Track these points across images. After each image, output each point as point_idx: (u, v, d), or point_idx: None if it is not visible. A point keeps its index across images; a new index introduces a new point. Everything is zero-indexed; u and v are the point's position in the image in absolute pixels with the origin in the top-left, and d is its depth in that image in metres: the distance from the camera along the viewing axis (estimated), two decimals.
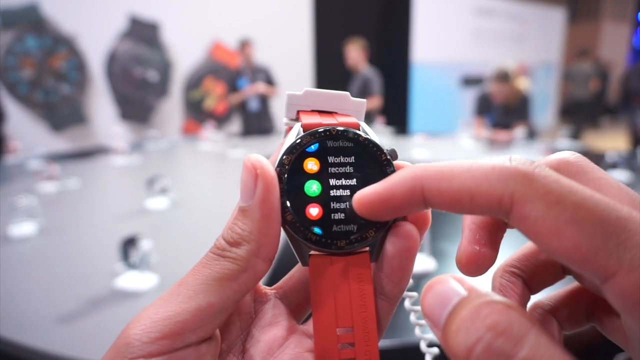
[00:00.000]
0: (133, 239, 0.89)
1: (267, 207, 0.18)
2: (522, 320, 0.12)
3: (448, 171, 0.16)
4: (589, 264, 0.13)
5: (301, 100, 0.22)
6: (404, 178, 0.17)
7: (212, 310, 0.17)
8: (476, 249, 0.19)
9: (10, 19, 3.16)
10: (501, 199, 0.15)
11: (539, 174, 0.14)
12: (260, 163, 0.18)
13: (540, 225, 0.14)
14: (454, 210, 0.16)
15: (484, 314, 0.13)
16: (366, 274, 0.19)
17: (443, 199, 0.16)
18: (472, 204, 0.15)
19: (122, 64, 3.58)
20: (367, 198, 0.17)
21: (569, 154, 0.18)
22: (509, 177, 0.15)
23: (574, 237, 0.13)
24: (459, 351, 0.13)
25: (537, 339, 0.12)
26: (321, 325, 0.18)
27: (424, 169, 0.16)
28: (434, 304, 0.14)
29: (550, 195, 0.14)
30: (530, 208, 0.14)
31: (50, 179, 1.70)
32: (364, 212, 0.18)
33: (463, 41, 4.92)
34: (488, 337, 0.12)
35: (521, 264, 0.20)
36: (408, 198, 0.16)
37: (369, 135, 0.20)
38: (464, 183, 0.15)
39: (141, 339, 0.16)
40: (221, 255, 0.18)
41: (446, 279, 0.15)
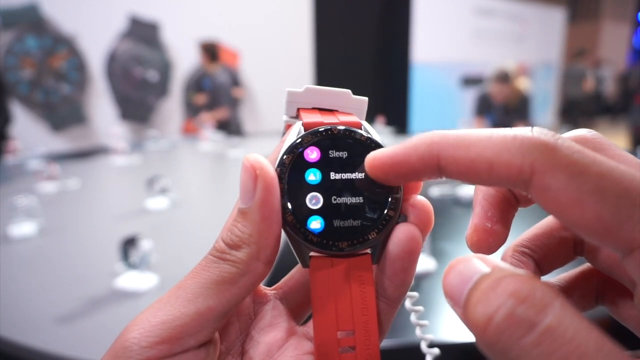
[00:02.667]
0: (133, 239, 0.89)
1: (267, 209, 0.17)
2: (545, 290, 0.12)
3: (466, 139, 0.15)
4: (612, 235, 0.13)
5: (301, 97, 0.21)
6: (421, 143, 0.16)
7: (211, 314, 0.17)
8: (488, 226, 0.18)
9: (10, 19, 3.16)
10: (521, 169, 0.14)
11: (561, 145, 0.14)
12: (259, 163, 0.17)
13: (561, 196, 0.13)
14: (470, 180, 0.15)
15: (506, 283, 0.12)
16: (368, 276, 0.19)
17: (459, 167, 0.15)
18: (491, 173, 0.15)
19: (122, 64, 3.58)
20: (381, 159, 0.17)
21: (585, 131, 0.18)
22: (530, 147, 0.14)
23: (597, 208, 0.13)
24: (479, 321, 0.12)
25: (562, 309, 0.12)
26: (321, 328, 0.18)
27: (441, 135, 0.16)
28: (456, 282, 0.14)
29: (574, 166, 0.13)
30: (551, 178, 0.13)
31: (50, 179, 1.69)
32: (375, 174, 0.17)
33: (463, 41, 4.91)
34: (510, 304, 0.12)
35: (532, 244, 0.20)
36: (423, 163, 0.16)
37: (371, 135, 0.20)
38: (483, 152, 0.15)
39: (139, 343, 0.16)
40: (221, 258, 0.17)
41: (468, 258, 0.14)
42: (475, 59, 4.89)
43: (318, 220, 0.18)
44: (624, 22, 8.10)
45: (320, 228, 0.18)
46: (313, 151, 0.19)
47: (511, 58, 3.61)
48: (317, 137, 0.19)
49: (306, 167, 0.19)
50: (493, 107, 2.75)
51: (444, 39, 4.76)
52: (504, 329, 0.12)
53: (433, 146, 0.16)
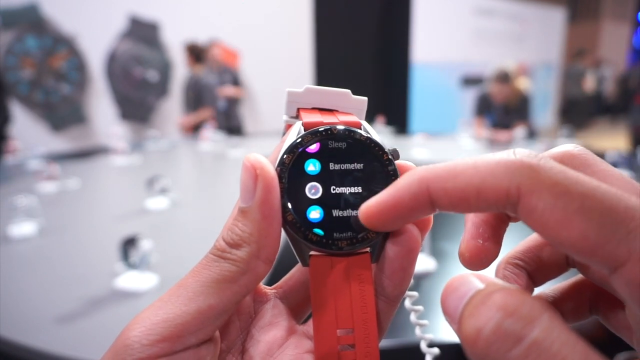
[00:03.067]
0: (133, 239, 0.89)
1: (267, 208, 0.17)
2: (533, 303, 0.12)
3: (454, 170, 0.16)
4: (598, 253, 0.13)
5: (301, 97, 0.21)
6: (410, 181, 0.16)
7: (212, 312, 0.17)
8: (479, 242, 0.18)
9: (10, 19, 3.16)
10: (508, 192, 0.14)
11: (544, 166, 0.14)
12: (260, 163, 0.18)
13: (547, 216, 0.14)
14: (462, 209, 0.16)
15: (495, 297, 0.13)
16: (367, 275, 0.19)
17: (450, 198, 0.15)
18: (479, 200, 0.15)
19: (122, 64, 3.58)
20: (374, 209, 0.17)
21: (571, 146, 0.18)
22: (514, 170, 0.14)
23: (582, 227, 0.13)
24: (469, 334, 0.13)
25: (550, 322, 0.12)
26: (321, 326, 0.18)
27: (427, 170, 0.16)
28: (452, 299, 0.14)
29: (557, 186, 0.14)
30: (537, 199, 0.14)
31: (50, 179, 1.70)
32: (372, 224, 0.17)
33: (463, 41, 4.91)
34: (497, 317, 0.12)
35: (525, 256, 0.20)
36: (416, 202, 0.16)
37: (370, 135, 0.20)
38: (470, 180, 0.15)
39: (140, 341, 0.16)
40: (221, 257, 0.17)
41: (465, 276, 0.14)
42: (475, 59, 4.89)
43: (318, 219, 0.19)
44: (624, 22, 8.10)
45: (320, 226, 0.19)
46: (313, 151, 0.19)
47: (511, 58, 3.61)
48: (317, 137, 0.19)
49: (306, 167, 0.19)
50: (493, 107, 2.75)
51: (444, 39, 4.76)
52: (492, 342, 0.12)
53: (422, 182, 0.16)
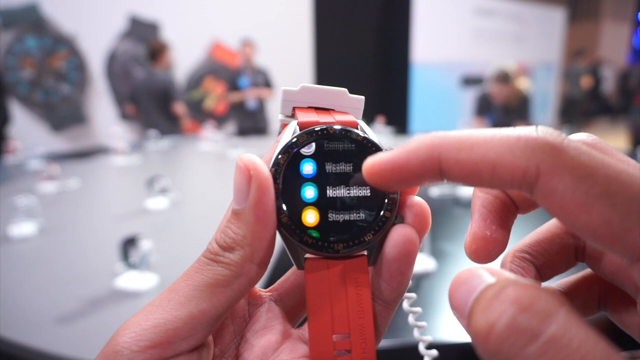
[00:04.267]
0: (133, 239, 0.89)
1: (261, 210, 0.17)
2: (549, 298, 0.11)
3: (468, 140, 0.14)
4: (620, 241, 0.12)
5: (297, 96, 0.21)
6: (421, 146, 0.15)
7: (204, 317, 0.16)
8: (487, 234, 0.18)
9: (10, 19, 3.16)
10: (526, 171, 0.13)
11: (568, 146, 0.13)
12: (253, 164, 0.17)
13: (568, 200, 0.13)
14: (473, 183, 0.15)
15: (508, 291, 0.12)
16: (364, 278, 0.18)
17: (462, 170, 0.14)
18: (494, 176, 0.14)
19: (122, 64, 3.58)
20: (379, 165, 0.16)
21: (585, 135, 0.17)
22: (535, 148, 0.13)
23: (605, 212, 0.12)
24: (481, 329, 0.12)
25: (567, 318, 0.11)
26: (317, 331, 0.18)
27: (442, 137, 0.15)
28: (461, 293, 0.13)
29: (581, 168, 0.13)
30: (557, 181, 0.13)
31: (50, 179, 1.69)
32: (374, 180, 0.16)
33: (463, 41, 4.91)
34: (511, 312, 0.11)
35: (533, 250, 0.19)
36: (423, 167, 0.15)
37: (367, 134, 0.20)
38: (486, 153, 0.14)
39: (130, 347, 0.16)
40: (214, 260, 0.17)
41: (474, 269, 0.14)
42: (475, 59, 4.89)
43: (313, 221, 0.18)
44: (624, 22, 8.10)
45: (316, 229, 0.18)
46: (308, 151, 0.19)
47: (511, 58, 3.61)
48: (312, 137, 0.19)
49: (301, 167, 0.18)
50: (493, 107, 2.75)
51: (444, 39, 4.75)
52: (505, 337, 0.11)
53: (434, 149, 0.15)
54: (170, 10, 3.70)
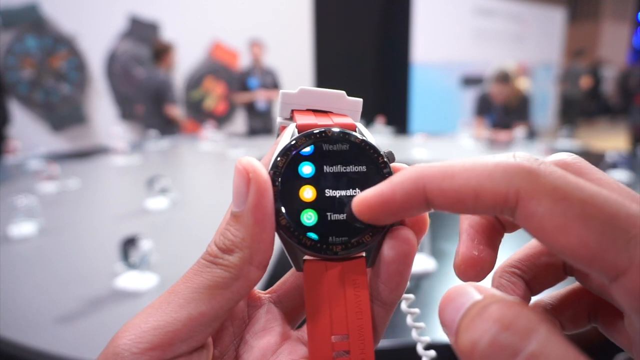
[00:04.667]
0: (133, 239, 0.89)
1: (260, 213, 0.17)
2: (530, 315, 0.12)
3: (450, 170, 0.15)
4: (597, 261, 0.13)
5: (296, 99, 0.21)
6: (405, 179, 0.16)
7: (203, 319, 0.16)
8: (475, 254, 0.18)
9: (10, 19, 3.16)
10: (506, 196, 0.14)
11: (544, 170, 0.14)
12: (252, 167, 0.17)
13: (546, 222, 0.13)
14: (458, 210, 0.15)
15: (491, 309, 0.12)
16: (362, 279, 0.19)
17: (446, 198, 0.15)
18: (477, 202, 0.15)
19: (122, 64, 3.59)
20: (367, 201, 0.17)
21: (566, 155, 0.18)
22: (513, 174, 0.14)
23: (582, 234, 0.13)
24: (465, 347, 0.12)
25: (547, 335, 0.11)
26: (316, 333, 0.18)
27: (424, 168, 0.16)
28: (449, 310, 0.14)
29: (557, 192, 0.13)
30: (536, 204, 0.14)
31: (50, 179, 1.70)
32: (364, 216, 0.17)
33: (463, 41, 4.92)
34: (493, 331, 0.12)
35: (522, 265, 0.20)
36: (410, 200, 0.16)
37: (365, 137, 0.20)
38: (468, 181, 0.15)
39: (130, 349, 0.16)
40: (213, 262, 0.17)
41: (463, 286, 0.14)
42: (475, 59, 4.89)
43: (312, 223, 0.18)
44: (624, 22, 8.10)
45: (315, 231, 0.18)
46: (307, 153, 0.19)
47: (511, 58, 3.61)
48: (311, 139, 0.19)
49: (300, 170, 0.19)
50: (493, 107, 2.75)
51: (444, 39, 4.76)
52: (487, 355, 0.12)
53: (419, 180, 0.16)
54: (170, 10, 3.70)
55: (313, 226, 0.18)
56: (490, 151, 2.38)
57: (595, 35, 7.91)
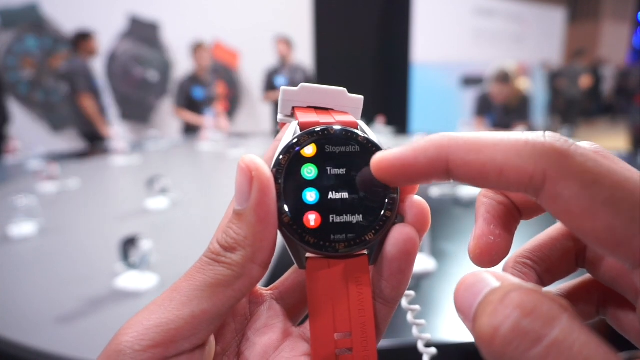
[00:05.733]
0: (133, 239, 0.89)
1: (263, 211, 0.17)
2: (552, 303, 0.12)
3: (477, 142, 0.15)
4: (623, 247, 0.13)
5: (297, 96, 0.21)
6: (430, 145, 0.16)
7: (206, 317, 0.16)
8: (491, 239, 0.18)
9: (10, 19, 3.16)
10: (533, 175, 0.14)
11: (575, 152, 0.14)
12: (255, 165, 0.17)
13: (573, 205, 0.13)
14: (479, 184, 0.15)
15: (513, 296, 0.12)
16: (365, 277, 0.19)
17: (469, 171, 0.15)
18: (500, 179, 0.14)
19: (122, 64, 3.59)
20: (388, 161, 0.16)
21: (587, 144, 0.17)
22: (542, 153, 0.14)
23: (610, 219, 0.13)
24: (485, 333, 0.12)
25: (570, 323, 0.11)
26: (318, 330, 0.18)
27: (451, 137, 0.15)
28: (466, 296, 0.14)
29: (587, 174, 0.13)
30: (563, 187, 0.13)
31: (50, 179, 1.70)
32: (382, 175, 0.17)
33: (463, 41, 4.91)
34: (516, 316, 0.12)
35: (534, 255, 0.20)
36: (431, 166, 0.16)
37: (367, 135, 0.20)
38: (494, 156, 0.14)
39: (132, 347, 0.16)
40: (215, 261, 0.17)
41: (479, 273, 0.14)
42: (475, 59, 4.89)
43: (315, 221, 0.18)
44: (624, 22, 8.10)
45: (317, 229, 0.18)
46: (309, 151, 0.19)
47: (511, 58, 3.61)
48: (313, 137, 0.19)
49: (303, 167, 0.19)
50: (493, 107, 2.75)
51: (444, 39, 4.76)
52: (510, 340, 0.12)
53: (442, 149, 0.15)
54: (170, 10, 3.70)
55: (316, 224, 0.18)
56: None
57: (595, 35, 7.91)
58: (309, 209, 0.18)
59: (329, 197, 0.19)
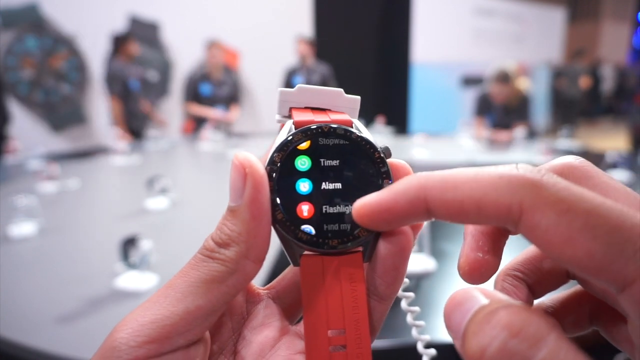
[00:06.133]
0: (133, 239, 0.89)
1: (256, 207, 0.17)
2: (540, 322, 0.12)
3: (453, 180, 0.15)
4: (605, 272, 0.13)
5: (294, 96, 0.21)
6: (407, 188, 0.16)
7: (200, 313, 0.17)
8: (479, 256, 0.18)
9: (10, 19, 3.16)
10: (510, 208, 0.14)
11: (547, 182, 0.14)
12: (248, 161, 0.17)
13: (551, 234, 0.13)
14: (459, 220, 0.15)
15: (500, 315, 0.12)
16: (359, 274, 0.19)
17: (448, 209, 0.15)
18: (480, 214, 0.15)
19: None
20: (368, 208, 0.16)
21: (572, 158, 0.18)
22: (517, 186, 0.14)
23: (588, 245, 0.13)
24: (473, 352, 0.12)
25: (557, 343, 0.11)
26: (312, 327, 0.18)
27: (427, 178, 0.16)
28: (455, 314, 0.14)
29: (561, 203, 0.13)
30: (540, 217, 0.13)
31: (50, 179, 1.70)
32: (364, 222, 0.17)
33: (463, 41, 4.91)
34: (502, 337, 0.12)
35: (525, 268, 0.20)
36: (411, 209, 0.16)
37: (362, 133, 0.20)
38: (471, 192, 0.15)
39: (128, 343, 0.16)
40: (209, 257, 0.17)
41: (468, 290, 0.14)
42: (475, 59, 4.89)
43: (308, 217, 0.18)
44: (624, 22, 8.10)
45: (311, 225, 0.18)
46: (303, 149, 0.19)
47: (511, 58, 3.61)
48: (307, 135, 0.19)
49: (296, 165, 0.19)
50: (493, 107, 2.75)
51: (444, 39, 4.76)
52: None
53: (420, 190, 0.15)
54: (170, 10, 3.70)
55: (309, 221, 0.18)
56: (490, 151, 2.38)
57: (595, 35, 7.91)
58: (303, 205, 0.18)
59: (322, 194, 0.19)
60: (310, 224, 0.18)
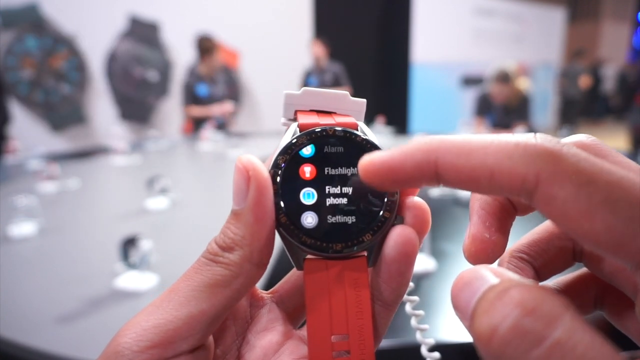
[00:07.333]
0: (133, 239, 0.89)
1: (260, 211, 0.17)
2: (554, 301, 0.11)
3: (466, 145, 0.14)
4: (623, 248, 0.12)
5: (299, 99, 0.21)
6: (418, 148, 0.15)
7: (204, 317, 0.16)
8: (486, 236, 0.18)
9: (10, 19, 3.16)
10: (525, 178, 0.13)
11: (567, 152, 0.13)
12: (252, 165, 0.17)
13: (569, 207, 0.13)
14: (470, 188, 0.15)
15: (512, 293, 0.12)
16: (363, 278, 0.18)
17: (459, 175, 0.14)
18: (492, 182, 0.14)
19: (122, 64, 3.58)
20: (375, 164, 0.16)
21: (583, 136, 0.17)
22: (534, 155, 0.13)
23: (608, 219, 0.12)
24: (483, 332, 0.12)
25: (572, 322, 0.11)
26: (315, 332, 0.18)
27: (440, 141, 0.15)
28: (463, 294, 0.13)
29: (581, 175, 0.13)
30: (558, 189, 0.13)
31: (50, 179, 1.69)
32: (369, 179, 0.16)
33: (463, 41, 4.92)
34: (515, 315, 0.11)
35: (530, 250, 0.19)
36: (419, 170, 0.15)
37: (367, 136, 0.20)
38: (484, 160, 0.14)
39: (131, 348, 0.16)
40: (213, 261, 0.17)
41: (477, 269, 0.13)
42: (475, 59, 4.89)
43: (312, 221, 0.18)
44: (624, 22, 8.10)
45: (315, 229, 0.18)
46: (308, 152, 0.19)
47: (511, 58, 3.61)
48: (312, 138, 0.19)
49: (301, 168, 0.19)
50: (493, 107, 2.75)
51: (444, 39, 4.76)
52: (509, 340, 0.11)
53: (431, 153, 0.15)
54: (170, 10, 3.70)
55: (313, 224, 0.18)
56: None
57: (595, 35, 7.91)
58: (307, 208, 0.18)
59: (326, 197, 0.18)
60: (314, 228, 0.18)
